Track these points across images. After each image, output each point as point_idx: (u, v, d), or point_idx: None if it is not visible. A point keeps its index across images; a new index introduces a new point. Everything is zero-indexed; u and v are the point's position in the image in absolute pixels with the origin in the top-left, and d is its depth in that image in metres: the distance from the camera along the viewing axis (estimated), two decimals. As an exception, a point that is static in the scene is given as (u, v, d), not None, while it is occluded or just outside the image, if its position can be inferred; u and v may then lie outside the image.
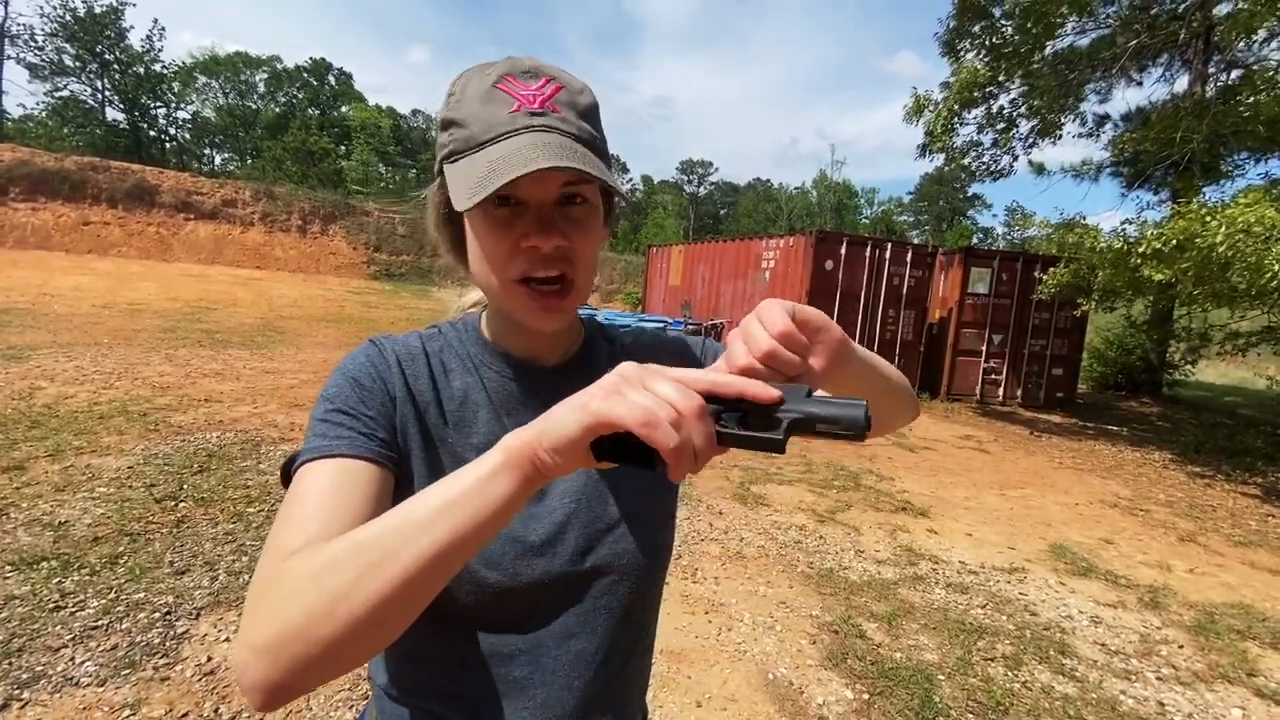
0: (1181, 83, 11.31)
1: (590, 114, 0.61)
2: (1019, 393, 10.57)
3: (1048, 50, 10.12)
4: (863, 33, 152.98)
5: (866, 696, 2.42)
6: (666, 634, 2.72)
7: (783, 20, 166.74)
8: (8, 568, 2.67)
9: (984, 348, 10.29)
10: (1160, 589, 3.76)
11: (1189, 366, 12.93)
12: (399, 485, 0.58)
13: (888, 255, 9.44)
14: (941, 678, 2.58)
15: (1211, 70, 10.77)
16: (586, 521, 0.64)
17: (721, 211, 73.33)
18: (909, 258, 9.62)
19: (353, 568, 0.41)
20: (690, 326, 9.30)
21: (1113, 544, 4.54)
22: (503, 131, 0.56)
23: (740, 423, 0.41)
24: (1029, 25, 9.17)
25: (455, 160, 0.58)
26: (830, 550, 3.87)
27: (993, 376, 10.45)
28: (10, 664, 2.11)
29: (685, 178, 74.74)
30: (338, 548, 0.43)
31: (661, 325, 8.88)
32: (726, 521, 4.17)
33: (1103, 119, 13.32)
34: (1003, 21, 9.89)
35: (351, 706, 2.09)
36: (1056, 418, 9.90)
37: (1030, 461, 6.96)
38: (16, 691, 2.00)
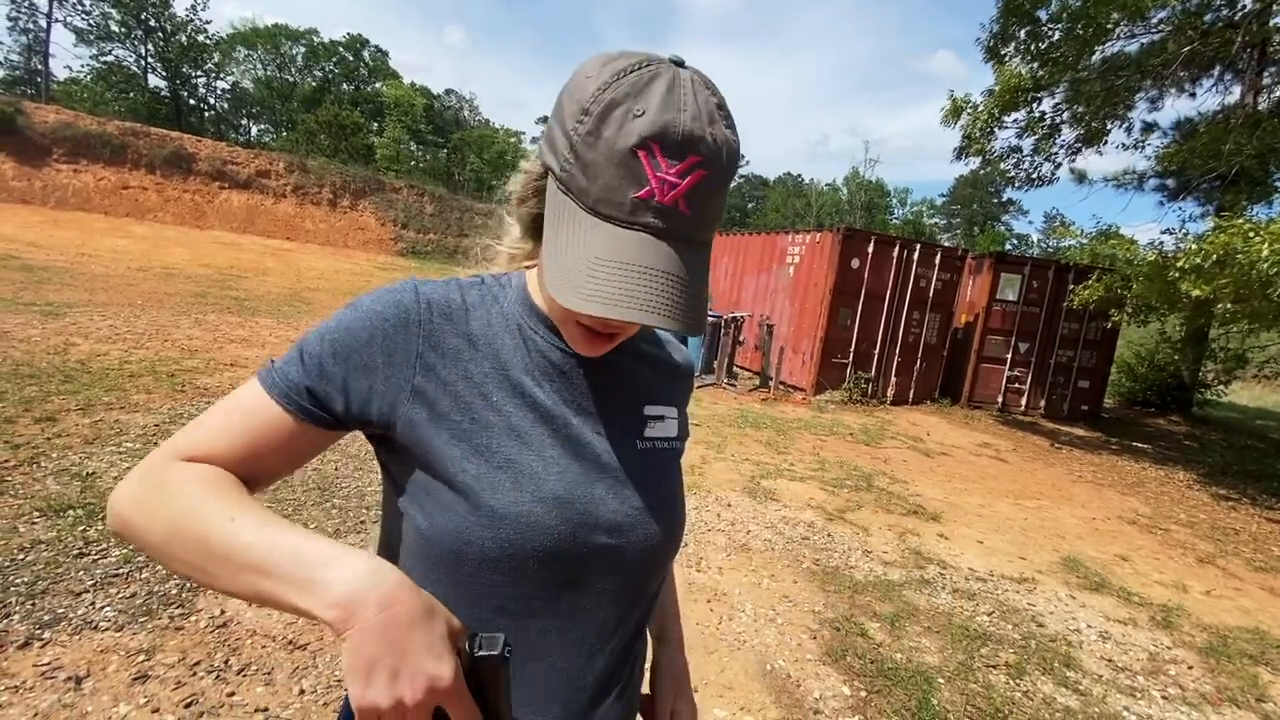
0: (1234, 94, 10.94)
1: (722, 191, 0.55)
2: (1042, 403, 10.38)
3: (1096, 56, 9.83)
4: (901, 30, 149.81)
5: (864, 694, 2.42)
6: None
7: (820, 15, 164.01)
8: (35, 514, 2.78)
9: (1009, 355, 10.11)
10: (1174, 609, 3.69)
11: (1222, 387, 12.61)
12: (398, 437, 0.61)
13: (915, 257, 9.28)
14: (941, 681, 2.57)
15: (1266, 82, 10.39)
16: (627, 499, 0.65)
17: (750, 205, 72.71)
18: (937, 260, 9.45)
19: (172, 517, 0.51)
20: (710, 319, 9.27)
21: (1128, 561, 4.46)
22: (619, 218, 0.51)
23: None
24: (1077, 29, 8.91)
25: (563, 187, 0.55)
26: (837, 548, 3.85)
27: (1016, 385, 10.27)
28: (33, 605, 2.20)
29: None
30: (190, 492, 0.51)
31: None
32: (735, 514, 4.17)
33: (1149, 127, 12.94)
34: (1049, 25, 9.61)
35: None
36: (1080, 431, 9.71)
37: (1049, 473, 6.85)
38: (38, 631, 2.08)
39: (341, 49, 51.27)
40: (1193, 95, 11.67)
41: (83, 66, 40.10)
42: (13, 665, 1.93)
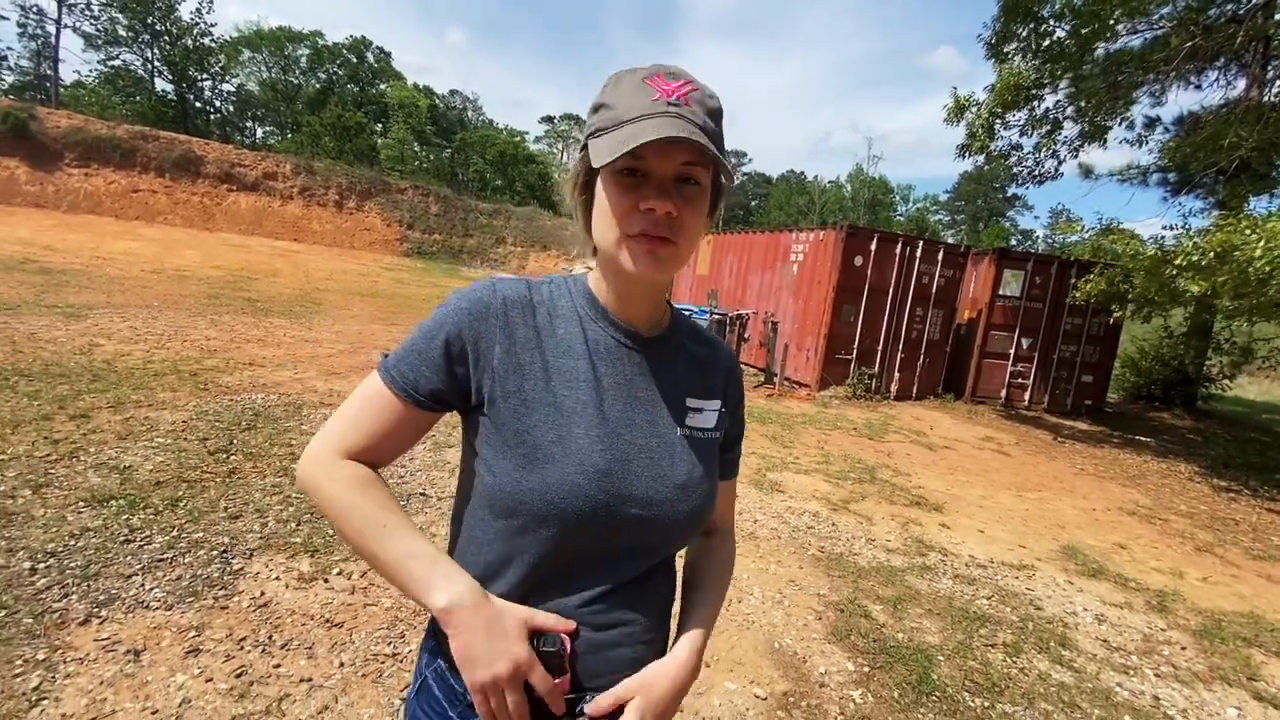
0: (1239, 87, 10.97)
1: (716, 115, 0.71)
2: (1046, 398, 10.47)
3: (1099, 52, 9.88)
4: (902, 26, 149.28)
5: (867, 669, 2.55)
6: (677, 600, 2.87)
7: (821, 12, 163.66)
8: (80, 503, 2.93)
9: (1012, 350, 10.20)
10: (1170, 594, 3.80)
11: (1226, 381, 12.66)
12: (472, 412, 0.77)
13: (918, 253, 9.38)
14: (941, 658, 2.70)
15: (1270, 75, 10.42)
16: (661, 477, 0.76)
17: (753, 203, 72.69)
18: (940, 256, 9.55)
19: (339, 512, 0.72)
20: (716, 316, 9.38)
21: (1126, 549, 4.57)
22: (644, 113, 0.66)
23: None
24: (1080, 27, 8.97)
25: (599, 135, 0.69)
26: (842, 537, 3.98)
27: (1020, 380, 10.36)
28: (89, 586, 2.35)
29: (719, 167, 74.02)
30: (349, 496, 0.72)
31: (687, 313, 8.96)
32: (742, 504, 4.30)
33: (1152, 121, 12.96)
34: (1051, 23, 9.67)
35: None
36: (1083, 425, 9.80)
37: (1051, 466, 6.95)
38: (95, 610, 2.23)
39: (345, 51, 51.48)
40: (1198, 87, 11.70)
41: (90, 71, 40.39)
42: (76, 640, 2.08)
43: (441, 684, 0.77)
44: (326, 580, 2.62)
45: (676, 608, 0.88)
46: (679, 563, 0.90)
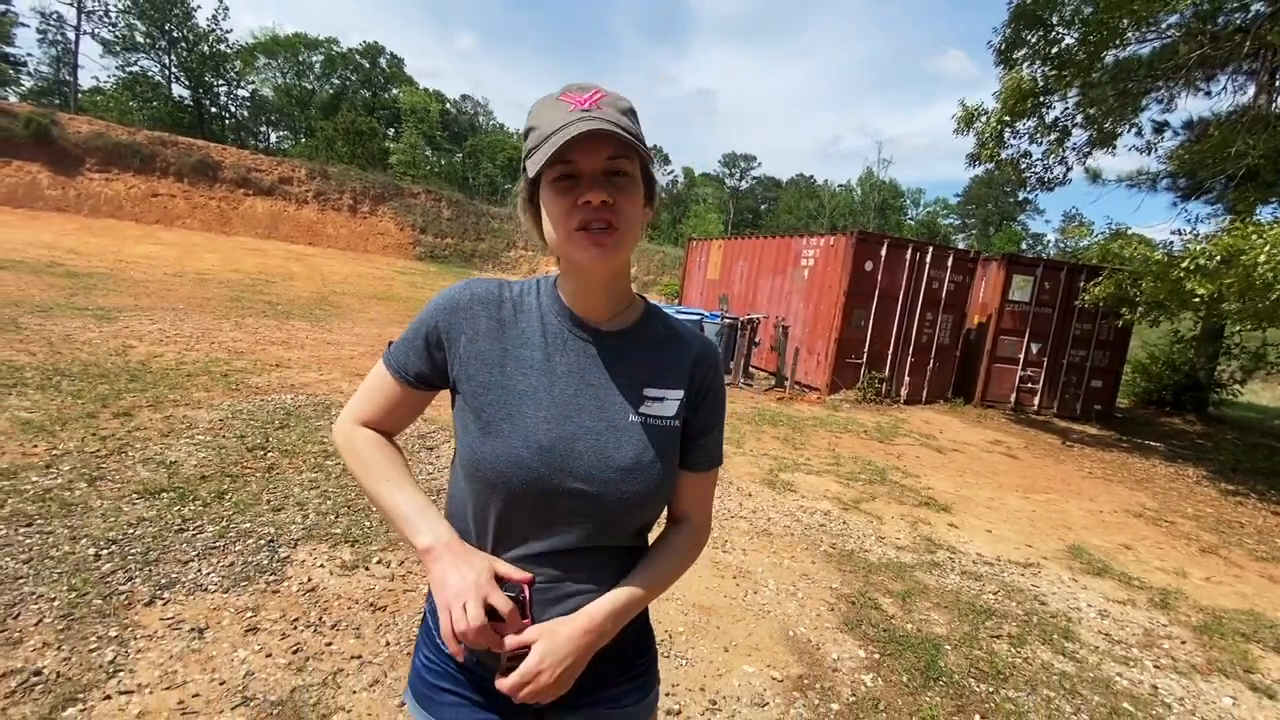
0: (1248, 93, 11.02)
1: (629, 113, 0.80)
2: (1055, 403, 10.54)
3: (1108, 59, 9.97)
4: (911, 31, 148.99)
5: (877, 656, 2.69)
6: (698, 591, 3.03)
7: (831, 16, 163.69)
8: (134, 495, 3.12)
9: (1022, 355, 10.29)
10: (1172, 592, 3.91)
11: (1238, 386, 12.66)
12: (450, 386, 0.90)
13: (928, 259, 9.50)
14: (948, 648, 2.83)
15: (1279, 84, 10.47)
16: (606, 457, 0.85)
17: (762, 206, 72.78)
18: (950, 262, 9.66)
19: (362, 474, 0.89)
20: (727, 320, 9.53)
21: (1131, 550, 4.67)
22: (564, 123, 0.75)
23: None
24: (1089, 35, 9.07)
25: (532, 153, 0.78)
26: (852, 534, 4.11)
27: (1029, 385, 10.44)
28: (150, 570, 2.53)
29: (727, 171, 74.41)
30: (362, 454, 0.90)
31: (698, 318, 9.12)
32: (755, 503, 4.44)
33: (1161, 126, 13.00)
34: (1061, 30, 9.77)
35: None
36: (1092, 429, 9.86)
37: (1059, 469, 7.04)
38: (159, 592, 2.41)
39: (358, 56, 52.11)
40: (1208, 94, 11.75)
41: (109, 77, 41.09)
42: (143, 619, 2.25)
43: (433, 617, 0.94)
44: (368, 568, 2.79)
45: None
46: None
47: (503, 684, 0.79)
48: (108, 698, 1.88)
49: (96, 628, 2.18)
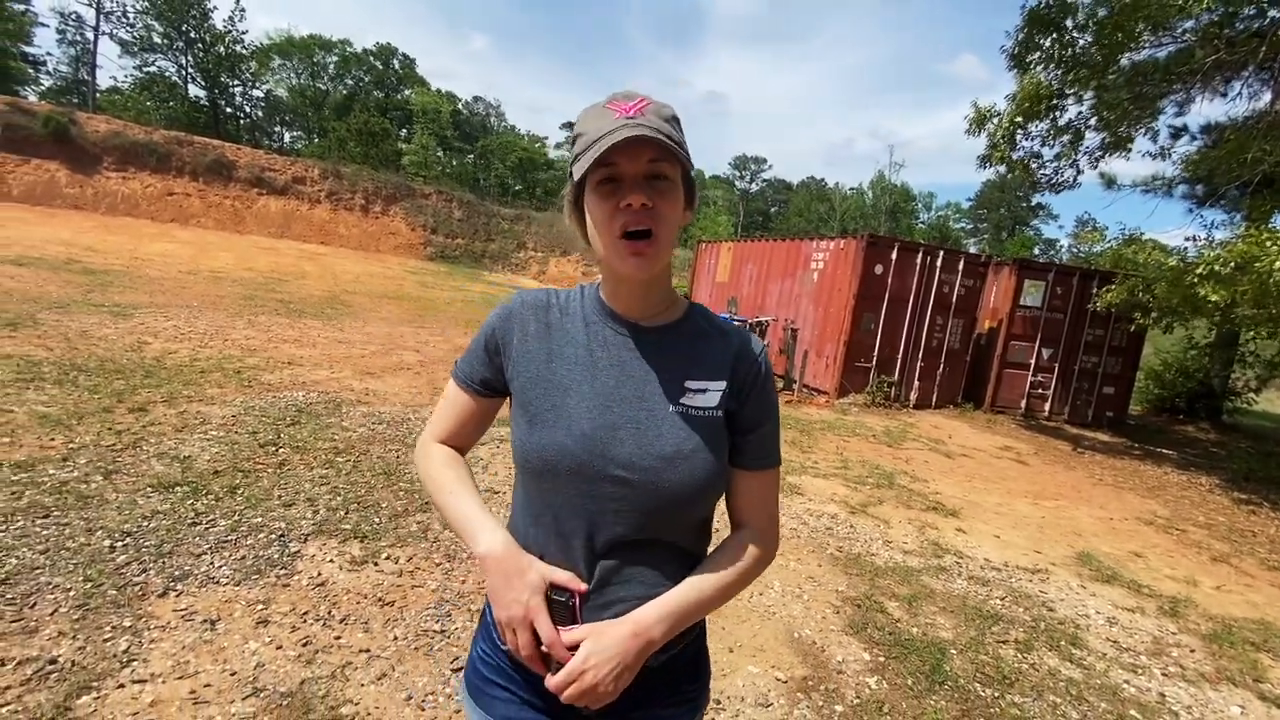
0: (1264, 99, 10.90)
1: (671, 121, 0.84)
2: (1066, 409, 10.46)
3: (1123, 62, 9.90)
4: (923, 34, 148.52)
5: (882, 659, 2.69)
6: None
7: (842, 19, 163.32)
8: (149, 489, 3.16)
9: (1032, 361, 10.22)
10: (1182, 600, 3.88)
11: (1252, 394, 12.51)
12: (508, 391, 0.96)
13: (939, 263, 9.46)
14: (954, 652, 2.83)
15: (1297, 88, 10.34)
16: (646, 446, 0.87)
17: (772, 209, 72.65)
18: (960, 266, 9.61)
19: (432, 488, 0.95)
20: (735, 323, 9.50)
21: (1142, 557, 4.64)
22: (608, 130, 0.79)
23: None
24: (1104, 38, 9.02)
25: (579, 159, 0.82)
26: (859, 538, 4.11)
27: (1040, 391, 10.36)
28: (164, 563, 2.57)
29: (738, 173, 74.38)
30: (431, 470, 0.97)
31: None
32: (762, 505, 4.44)
33: (1178, 131, 12.88)
34: (1075, 33, 9.71)
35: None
36: (1104, 436, 9.78)
37: (1069, 476, 6.99)
38: (173, 584, 2.44)
39: (372, 58, 52.52)
40: (1224, 96, 11.63)
41: (126, 77, 41.63)
42: (157, 610, 2.29)
43: (490, 612, 0.97)
44: (376, 564, 2.82)
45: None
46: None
47: (550, 682, 0.81)
48: (121, 686, 1.92)
49: (111, 618, 2.21)
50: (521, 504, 0.94)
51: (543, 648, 0.82)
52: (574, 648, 0.81)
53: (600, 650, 0.80)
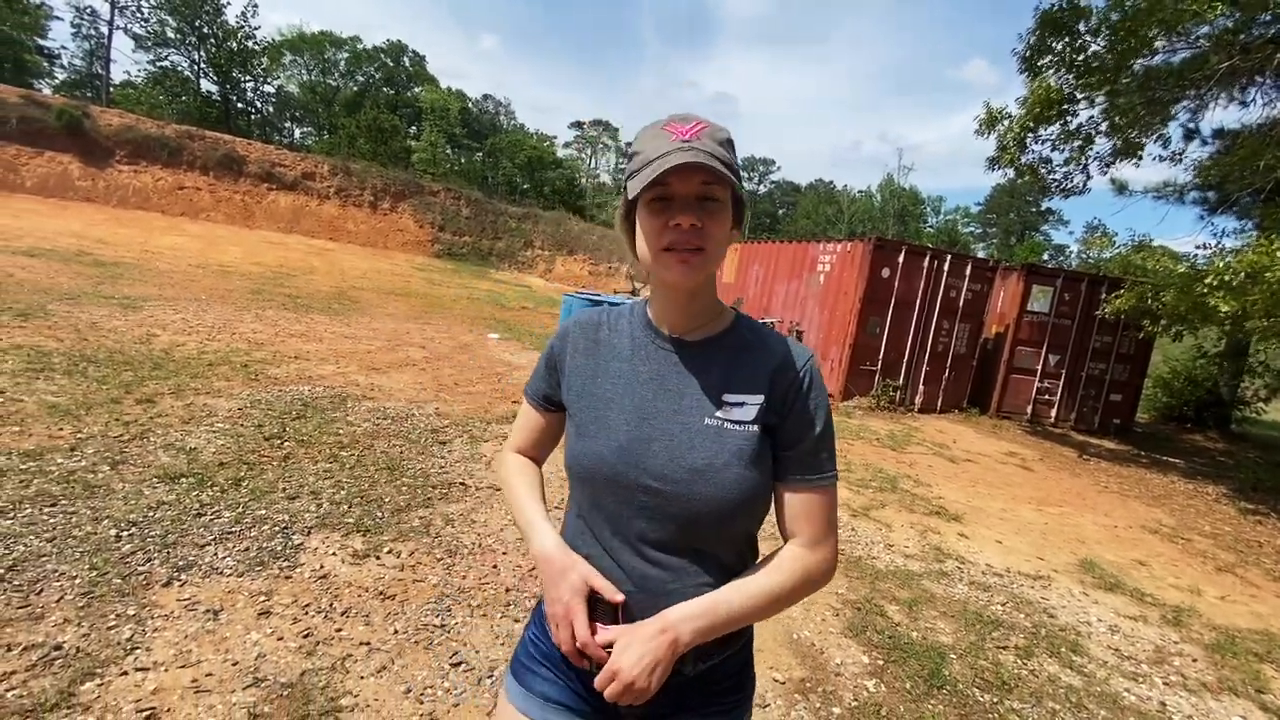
0: (1277, 108, 10.81)
1: (726, 145, 0.87)
2: (1073, 415, 10.40)
3: (1136, 67, 9.84)
4: (934, 38, 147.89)
5: (881, 662, 2.69)
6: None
7: (853, 21, 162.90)
8: (155, 479, 3.19)
9: (1039, 367, 10.17)
10: (1186, 610, 3.85)
11: (1261, 404, 12.42)
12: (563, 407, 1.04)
13: (946, 267, 9.43)
14: (953, 657, 2.82)
15: (1313, 96, 10.24)
16: (679, 458, 0.90)
17: (780, 211, 72.54)
18: (968, 270, 9.58)
19: (505, 493, 1.08)
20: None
21: (1146, 566, 4.61)
22: (664, 152, 0.82)
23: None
24: (1117, 43, 8.96)
25: (634, 176, 0.85)
26: (861, 541, 4.10)
27: (1046, 397, 10.32)
28: (169, 553, 2.59)
29: (746, 174, 74.34)
30: (506, 477, 1.09)
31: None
32: (764, 506, 4.44)
33: (1191, 134, 12.77)
34: (1088, 37, 9.66)
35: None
36: (1110, 443, 9.72)
37: (1074, 482, 6.96)
38: (177, 574, 2.47)
39: (382, 54, 52.70)
40: (1243, 104, 11.54)
41: (140, 71, 41.93)
42: (160, 599, 2.31)
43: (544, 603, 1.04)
44: (379, 558, 2.84)
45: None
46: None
47: (596, 681, 0.85)
48: (124, 674, 1.94)
49: (115, 606, 2.24)
50: (574, 507, 1.01)
51: (579, 645, 0.87)
52: (610, 647, 0.85)
53: (631, 647, 0.83)
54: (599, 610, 0.88)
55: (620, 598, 0.88)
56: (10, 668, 1.87)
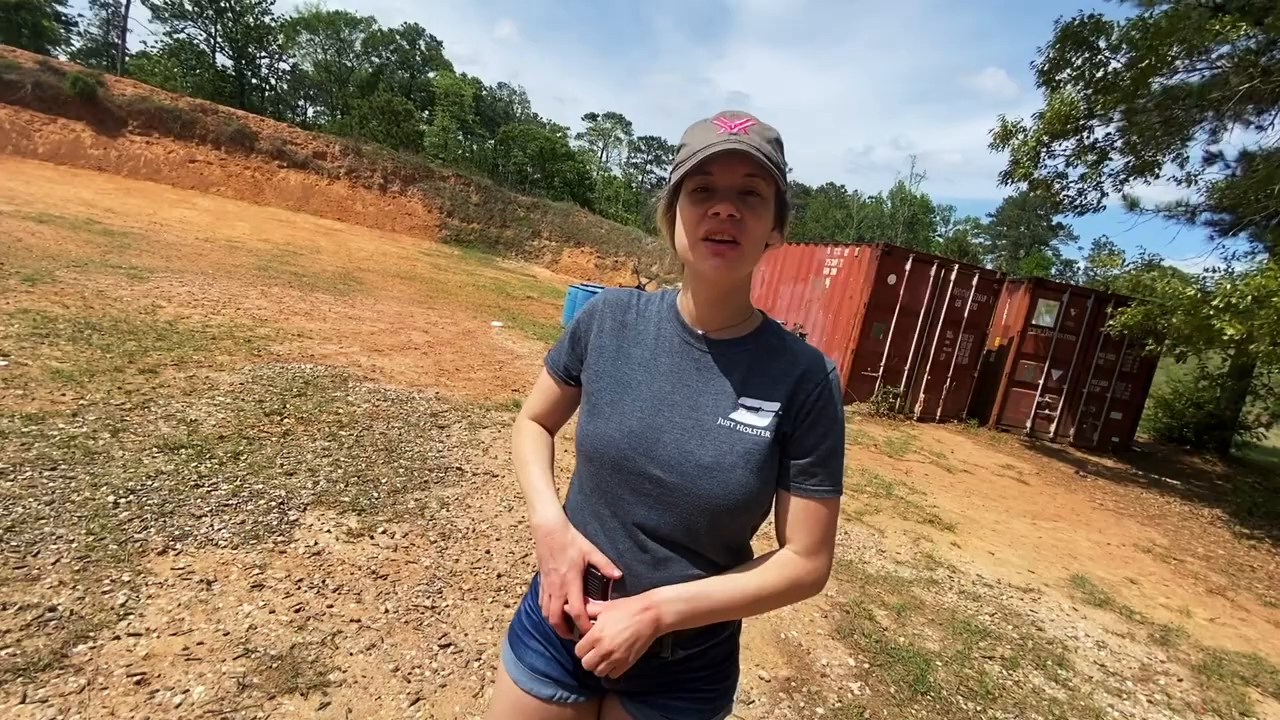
0: (1296, 132, 10.75)
1: (774, 143, 0.86)
2: (1072, 431, 10.39)
3: (1154, 86, 9.79)
4: (950, 46, 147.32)
5: (866, 666, 2.70)
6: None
7: (869, 27, 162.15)
8: (154, 449, 3.21)
9: (1041, 381, 10.15)
10: (1174, 630, 3.86)
11: (1263, 429, 12.38)
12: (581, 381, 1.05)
13: (953, 277, 9.40)
14: (939, 664, 2.83)
15: (1330, 122, 10.18)
16: (687, 452, 0.91)
17: (790, 213, 72.22)
18: (974, 281, 9.56)
19: (515, 458, 1.11)
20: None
21: (1136, 584, 4.62)
22: (710, 143, 0.82)
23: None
24: (1137, 60, 8.92)
25: (680, 166, 0.85)
26: (853, 545, 4.11)
27: (1046, 411, 10.30)
28: (165, 522, 2.61)
29: (757, 175, 73.87)
30: (518, 443, 1.11)
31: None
32: (758, 506, 4.45)
33: (1211, 157, 12.70)
34: (1107, 54, 9.61)
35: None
36: (1108, 461, 9.71)
37: (1069, 498, 6.96)
38: (172, 543, 2.49)
39: (399, 37, 52.56)
40: (1260, 128, 11.48)
41: (156, 43, 41.87)
42: (156, 567, 2.33)
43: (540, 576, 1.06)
44: (373, 537, 2.86)
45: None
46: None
47: (578, 646, 0.89)
48: (117, 638, 1.96)
49: (110, 571, 2.26)
50: (577, 482, 1.02)
51: (571, 614, 0.91)
52: (597, 619, 0.89)
53: (613, 621, 0.86)
54: (590, 584, 0.92)
55: (618, 573, 0.91)
56: (5, 627, 1.89)
